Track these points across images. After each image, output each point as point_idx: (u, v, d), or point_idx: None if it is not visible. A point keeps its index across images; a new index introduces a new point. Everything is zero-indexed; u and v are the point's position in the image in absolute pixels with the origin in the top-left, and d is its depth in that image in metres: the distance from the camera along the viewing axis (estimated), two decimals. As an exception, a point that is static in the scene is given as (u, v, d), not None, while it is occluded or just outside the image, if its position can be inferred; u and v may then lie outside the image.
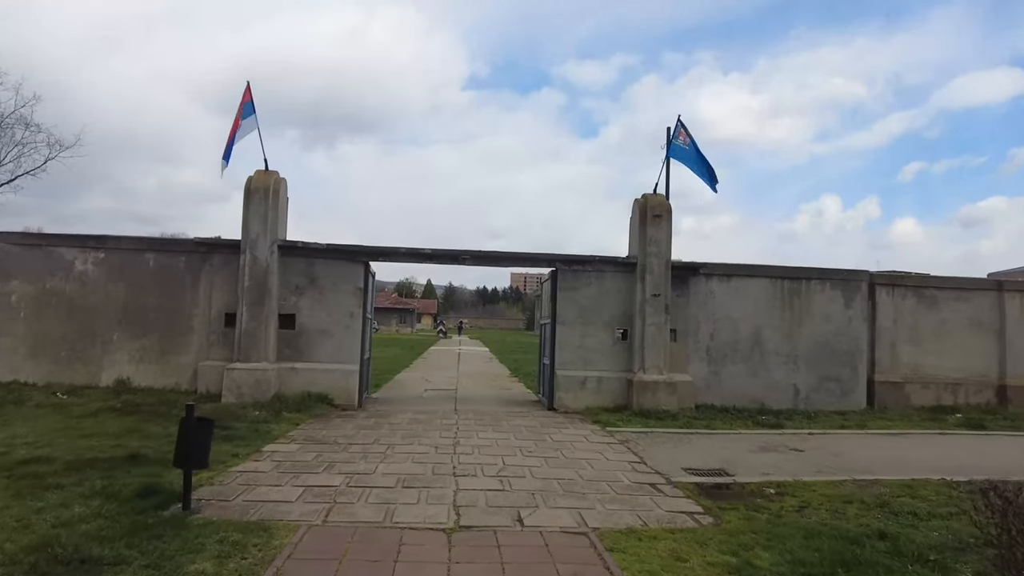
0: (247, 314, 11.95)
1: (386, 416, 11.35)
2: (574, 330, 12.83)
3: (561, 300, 12.86)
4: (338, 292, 12.46)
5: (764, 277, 13.78)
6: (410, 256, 12.77)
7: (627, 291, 12.98)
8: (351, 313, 12.44)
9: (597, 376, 12.73)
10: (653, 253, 12.70)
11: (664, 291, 12.69)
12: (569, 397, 12.58)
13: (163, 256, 12.55)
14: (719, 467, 8.44)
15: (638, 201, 13.09)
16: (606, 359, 12.86)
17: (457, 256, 12.72)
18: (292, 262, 12.43)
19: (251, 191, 12.10)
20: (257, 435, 9.12)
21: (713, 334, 13.48)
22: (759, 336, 13.63)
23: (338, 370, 12.21)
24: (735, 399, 13.33)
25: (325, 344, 12.36)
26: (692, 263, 13.31)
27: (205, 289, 12.49)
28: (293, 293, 12.43)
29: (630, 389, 12.54)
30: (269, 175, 12.31)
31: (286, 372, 12.16)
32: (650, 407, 12.20)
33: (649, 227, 12.74)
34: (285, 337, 12.36)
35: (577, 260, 12.93)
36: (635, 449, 9.24)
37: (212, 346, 12.33)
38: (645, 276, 12.68)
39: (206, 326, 12.40)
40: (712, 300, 13.53)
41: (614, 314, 12.96)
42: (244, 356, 11.89)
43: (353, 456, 8.06)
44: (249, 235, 12.03)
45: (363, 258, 12.57)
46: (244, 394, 11.65)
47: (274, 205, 12.15)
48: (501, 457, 8.26)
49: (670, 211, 12.91)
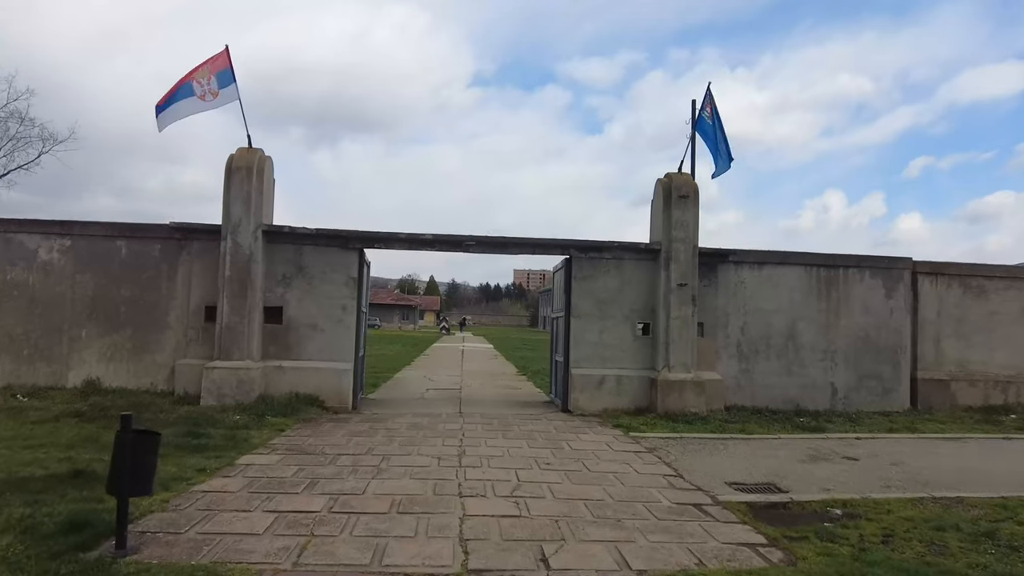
0: (228, 307, 10.76)
1: (383, 420, 10.15)
2: (591, 324, 11.61)
3: (576, 291, 11.65)
4: (329, 282, 11.26)
5: (799, 265, 12.54)
6: (409, 242, 11.56)
7: (649, 281, 11.76)
8: (343, 306, 11.24)
9: (616, 375, 11.52)
10: (679, 238, 11.47)
11: (691, 280, 11.46)
12: (585, 398, 11.37)
13: (136, 243, 11.36)
14: (768, 481, 7.24)
15: (661, 181, 11.85)
16: (626, 356, 11.65)
17: (460, 242, 11.51)
18: (278, 249, 11.23)
19: (232, 170, 10.90)
20: (233, 444, 7.93)
21: (744, 328, 12.26)
22: (793, 330, 12.41)
23: (329, 369, 11.01)
24: (768, 399, 12.12)
25: (315, 340, 11.16)
26: (721, 249, 12.08)
27: (183, 279, 11.29)
28: (279, 284, 11.23)
29: (653, 389, 11.32)
30: (252, 153, 11.11)
31: (272, 371, 10.96)
32: (676, 409, 10.98)
33: (674, 209, 11.51)
34: (271, 332, 11.16)
35: (593, 246, 11.71)
36: (667, 459, 8.03)
37: (191, 343, 11.15)
38: (670, 264, 11.45)
39: (184, 320, 11.21)
40: (742, 290, 12.30)
41: (635, 306, 11.74)
42: (225, 354, 10.70)
43: (341, 470, 6.86)
44: (230, 219, 10.83)
45: (357, 244, 11.37)
46: (225, 396, 10.46)
47: (258, 186, 10.95)
48: (514, 471, 7.05)
49: (697, 191, 11.68)
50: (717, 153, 11.53)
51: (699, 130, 11.73)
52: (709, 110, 11.44)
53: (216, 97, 10.66)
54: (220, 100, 10.68)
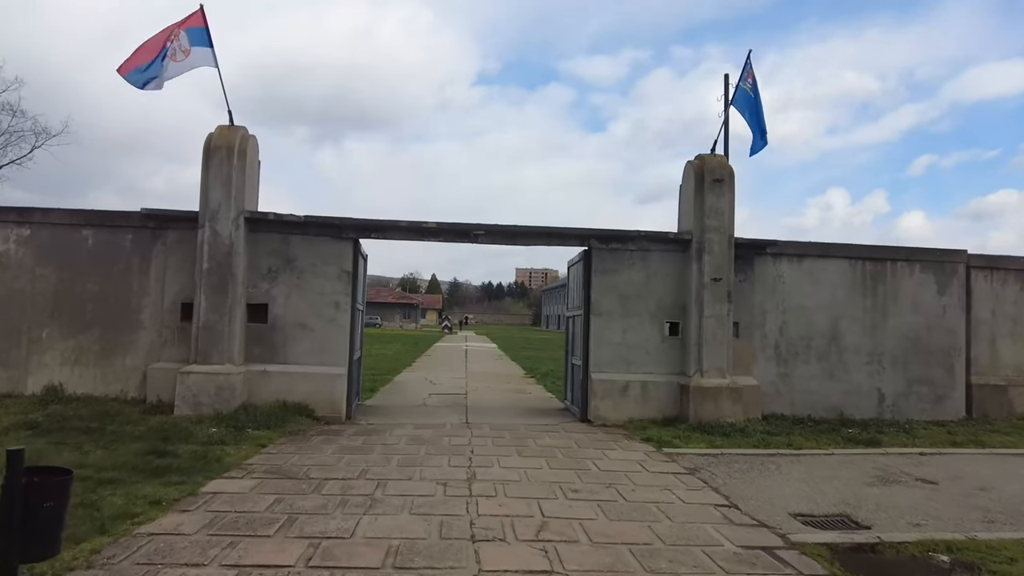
0: (206, 304, 9.54)
1: (379, 432, 8.93)
2: (613, 323, 10.38)
3: (596, 286, 10.41)
4: (320, 276, 10.04)
5: (842, 258, 11.30)
6: (410, 231, 10.33)
7: (679, 274, 10.52)
8: (336, 303, 10.01)
9: (642, 380, 10.28)
10: (713, 227, 10.23)
11: (727, 274, 10.22)
12: (607, 406, 10.14)
13: (104, 233, 10.14)
14: (840, 512, 6.03)
15: (692, 164, 10.61)
16: (653, 359, 10.42)
17: (468, 231, 10.27)
18: (263, 239, 10.01)
19: (211, 150, 9.68)
20: (203, 465, 6.71)
21: (782, 327, 11.02)
22: (836, 330, 11.17)
23: (320, 374, 9.79)
24: (808, 407, 10.89)
25: (304, 341, 9.94)
26: (758, 240, 10.85)
27: (157, 273, 10.08)
28: (264, 278, 10.01)
29: (684, 397, 10.09)
30: (233, 131, 9.88)
31: (256, 376, 9.75)
32: (710, 419, 9.75)
33: (707, 194, 10.27)
34: (255, 333, 9.95)
35: (616, 236, 10.48)
36: (714, 483, 6.81)
37: (165, 344, 9.93)
38: (702, 256, 10.21)
39: (158, 319, 10.00)
40: (781, 286, 11.07)
41: (663, 303, 10.51)
42: (202, 356, 9.48)
43: (327, 502, 5.64)
44: (209, 205, 9.61)
45: (351, 234, 10.14)
46: (202, 404, 9.25)
47: (240, 168, 9.73)
48: (537, 503, 5.83)
49: (733, 175, 10.44)
50: (758, 128, 10.28)
51: (736, 103, 10.47)
52: (750, 80, 10.18)
53: (187, 55, 9.39)
54: (192, 60, 9.42)
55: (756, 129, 10.51)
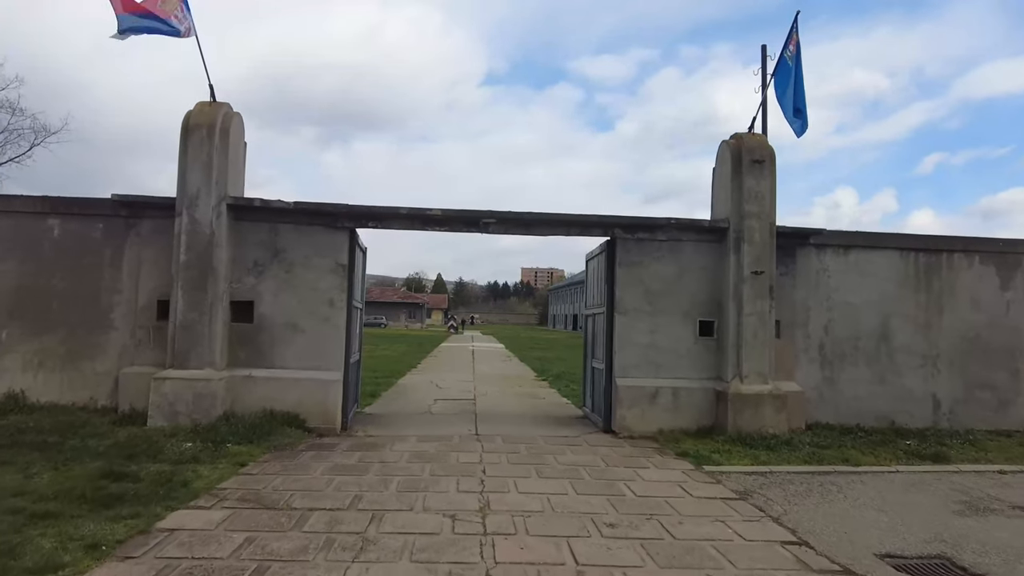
0: (184, 301, 8.48)
1: (378, 447, 7.86)
2: (639, 322, 9.28)
3: (621, 280, 9.31)
4: (313, 270, 8.97)
5: (892, 249, 10.16)
6: (412, 220, 9.24)
7: (714, 267, 9.42)
8: (330, 300, 8.94)
9: (672, 386, 9.17)
10: (752, 214, 9.11)
11: (768, 267, 9.11)
12: (634, 416, 9.04)
13: (72, 222, 9.09)
14: (937, 551, 4.93)
15: (728, 144, 9.48)
16: (684, 362, 9.31)
17: (476, 219, 9.18)
18: (248, 229, 8.95)
19: (189, 129, 8.62)
20: (166, 491, 5.65)
21: (827, 327, 9.90)
22: (886, 329, 10.03)
23: (312, 380, 8.72)
24: (856, 415, 9.76)
25: (295, 343, 8.87)
26: (801, 229, 9.73)
27: (130, 267, 9.03)
28: (250, 272, 8.95)
29: (721, 404, 8.99)
30: (215, 108, 8.82)
31: (240, 383, 8.69)
32: (751, 429, 8.65)
33: (745, 178, 9.15)
34: (240, 333, 8.89)
35: (643, 224, 9.37)
36: (772, 511, 5.71)
37: (140, 346, 8.88)
38: (741, 246, 9.10)
39: (132, 319, 8.95)
40: (825, 280, 9.94)
41: (695, 299, 9.40)
42: (180, 360, 8.43)
43: (308, 543, 4.56)
44: (187, 190, 8.55)
45: (347, 223, 9.07)
46: (179, 414, 8.20)
47: (222, 148, 8.67)
48: (566, 542, 4.73)
49: (774, 156, 9.31)
50: (792, 106, 9.11)
51: (777, 77, 9.32)
52: (792, 47, 9.03)
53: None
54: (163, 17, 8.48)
55: (790, 108, 9.35)
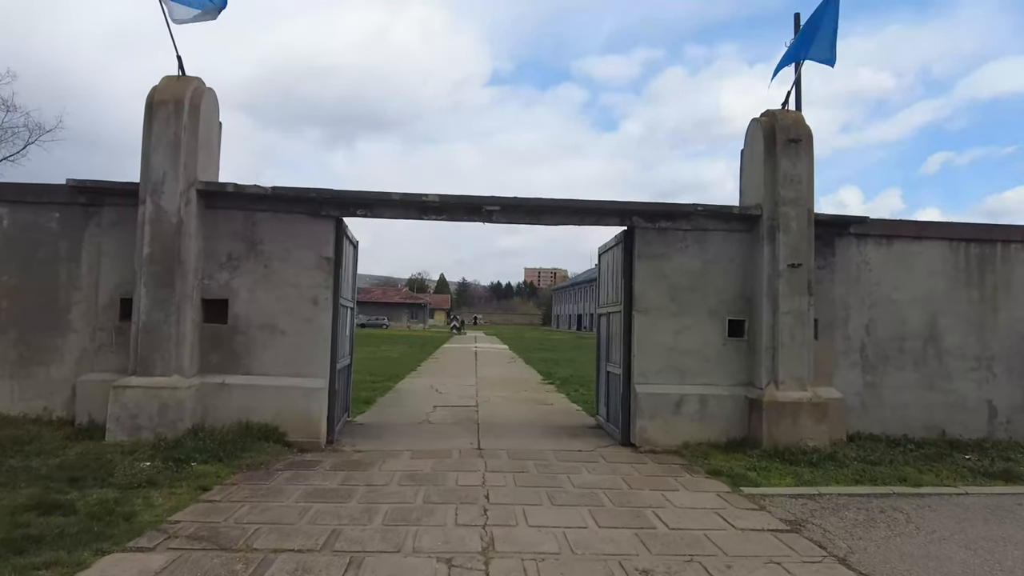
0: (148, 299, 7.50)
1: (366, 465, 6.87)
2: (662, 321, 8.27)
3: (641, 275, 8.30)
4: (294, 264, 7.99)
5: (940, 239, 9.13)
6: (407, 207, 8.23)
7: (744, 260, 8.41)
8: (314, 298, 7.95)
9: (699, 394, 8.17)
10: (788, 199, 8.10)
11: (807, 259, 8.10)
12: (657, 427, 8.03)
13: (24, 211, 8.12)
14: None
15: (760, 122, 8.46)
16: (712, 367, 8.30)
17: (478, 207, 8.17)
18: (222, 218, 7.97)
19: (154, 106, 7.63)
20: (103, 527, 4.67)
21: (869, 326, 8.88)
22: (934, 328, 9.01)
23: (293, 388, 7.73)
24: (902, 424, 8.74)
25: (274, 346, 7.89)
26: (841, 217, 8.72)
27: (90, 261, 8.06)
28: (224, 267, 7.97)
29: (753, 413, 7.98)
30: (183, 82, 7.84)
31: (212, 391, 7.70)
32: (789, 442, 7.64)
33: (780, 158, 8.14)
34: (212, 336, 7.91)
35: (665, 212, 8.35)
36: (833, 547, 4.71)
37: (101, 350, 7.91)
38: (775, 235, 8.09)
39: (92, 319, 7.98)
40: (867, 274, 8.92)
41: (724, 296, 8.39)
42: (143, 366, 7.45)
43: (261, 605, 3.56)
44: (151, 175, 7.57)
45: (332, 211, 8.07)
46: (141, 427, 7.23)
47: (191, 127, 7.69)
48: (593, 601, 3.73)
49: (811, 135, 8.30)
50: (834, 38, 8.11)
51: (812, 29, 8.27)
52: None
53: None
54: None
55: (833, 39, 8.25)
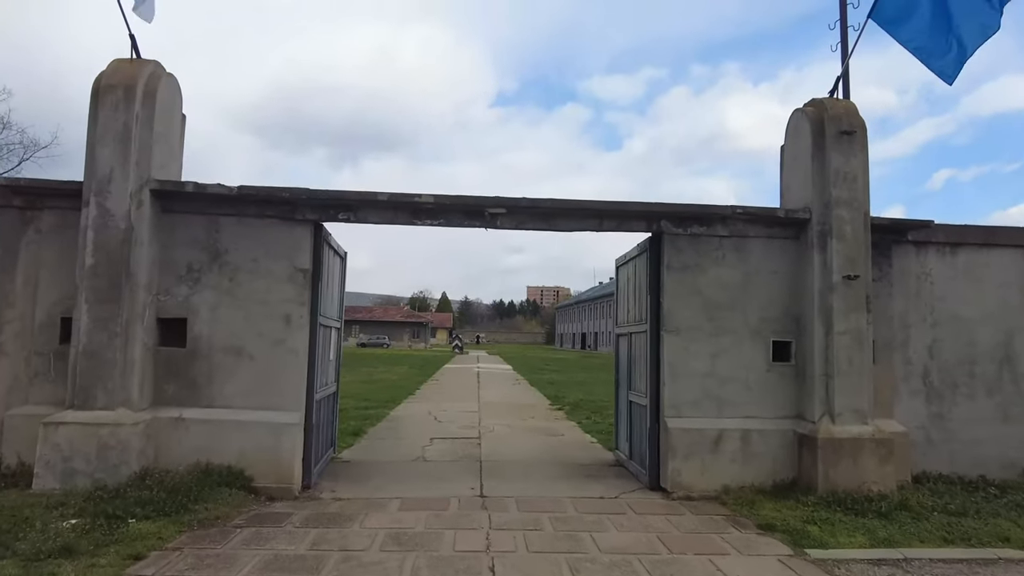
0: (89, 319, 6.33)
1: (344, 521, 5.65)
2: (696, 343, 7.06)
3: (671, 289, 7.11)
4: (263, 277, 6.81)
5: (1014, 247, 7.95)
6: (396, 210, 7.05)
7: (790, 271, 7.23)
8: (286, 316, 6.77)
9: (741, 428, 6.94)
10: (841, 200, 6.93)
11: (864, 269, 6.92)
12: (692, 469, 6.79)
13: (-49, 217, 6.99)
14: None
15: (805, 112, 7.31)
16: (755, 396, 7.09)
17: (480, 210, 7.00)
18: (180, 223, 6.82)
19: (101, 92, 6.52)
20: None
21: (932, 348, 7.67)
22: (1010, 349, 7.80)
23: (261, 423, 6.52)
24: (976, 462, 7.49)
25: (239, 374, 6.69)
26: (898, 221, 7.53)
27: (26, 274, 6.89)
28: (182, 281, 6.79)
29: (805, 451, 6.75)
30: (137, 65, 6.74)
31: (166, 428, 6.50)
32: (849, 486, 6.41)
33: (831, 154, 6.99)
34: (168, 361, 6.72)
35: (699, 215, 7.16)
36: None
37: (37, 378, 6.72)
38: (827, 242, 6.92)
39: (26, 341, 6.80)
40: (928, 287, 7.74)
41: (767, 314, 7.20)
42: (82, 398, 6.26)
43: None
44: (96, 172, 6.44)
45: (309, 214, 6.91)
46: (77, 472, 6.02)
47: (146, 118, 6.56)
48: None
49: (865, 128, 7.16)
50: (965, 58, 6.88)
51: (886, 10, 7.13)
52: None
53: None
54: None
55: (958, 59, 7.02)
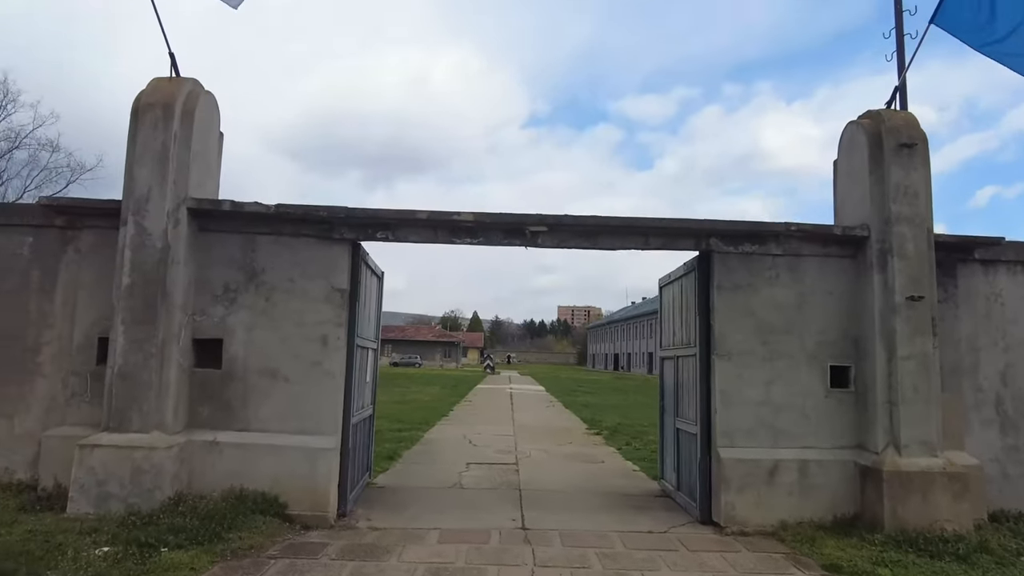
0: (125, 340, 6.24)
1: (381, 553, 5.39)
2: (750, 369, 6.69)
3: (722, 310, 6.76)
4: (300, 297, 6.66)
5: (1089, 267, 7.44)
6: (435, 228, 6.85)
7: (847, 292, 6.83)
8: (323, 338, 6.59)
9: (798, 459, 6.52)
10: (903, 217, 6.54)
11: (929, 291, 6.50)
12: (747, 502, 6.39)
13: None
14: None
15: (860, 125, 6.95)
16: (812, 425, 6.67)
17: (521, 228, 6.77)
18: (216, 242, 6.72)
19: (140, 112, 6.49)
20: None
21: (1005, 374, 7.17)
22: (1088, 377, 7.26)
23: (296, 447, 6.33)
24: (1054, 499, 6.95)
25: (274, 396, 6.52)
26: (965, 238, 7.08)
27: (65, 294, 6.85)
28: (218, 301, 6.68)
29: (869, 485, 6.30)
30: (175, 84, 6.71)
31: (200, 451, 6.35)
32: (920, 524, 5.94)
33: (891, 168, 6.61)
34: (203, 383, 6.59)
35: (750, 232, 6.83)
36: None
37: (74, 399, 6.64)
38: (888, 262, 6.52)
39: (64, 362, 6.73)
40: (998, 309, 7.26)
41: (824, 337, 6.80)
42: (117, 420, 6.15)
43: None
44: (134, 191, 6.38)
45: (347, 233, 6.76)
46: (111, 497, 5.89)
47: (183, 137, 6.51)
48: None
49: (927, 140, 6.77)
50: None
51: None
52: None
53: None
54: None
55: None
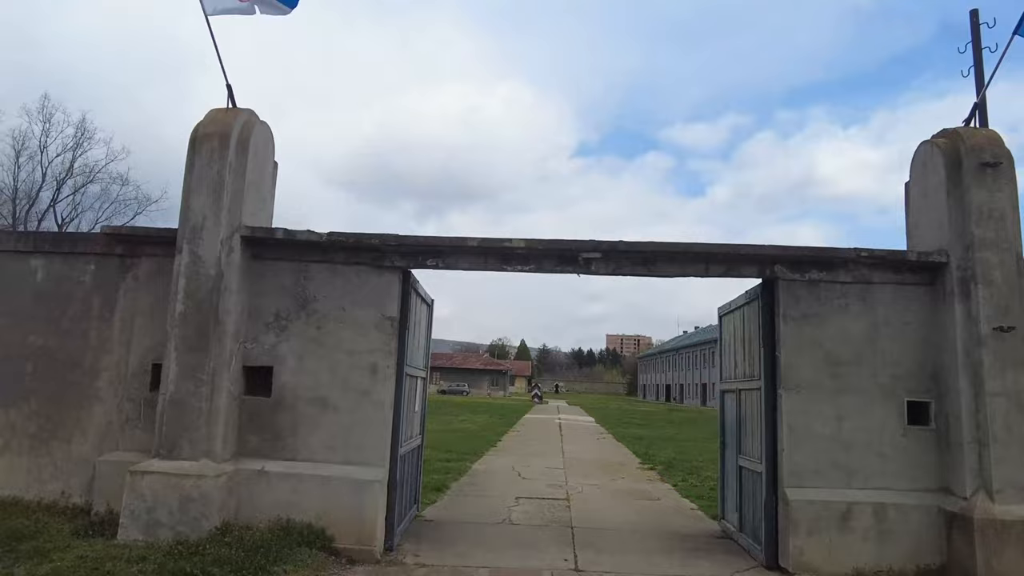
0: (177, 367, 6.26)
1: (428, 592, 5.17)
2: (818, 403, 6.28)
3: (789, 341, 6.39)
4: (350, 326, 6.59)
5: None
6: (486, 256, 6.72)
7: (924, 322, 6.38)
8: (372, 367, 6.49)
9: (873, 502, 6.04)
10: (987, 242, 6.09)
11: (1020, 321, 6.00)
12: (818, 548, 5.94)
13: (58, 263, 7.15)
14: None
15: (936, 144, 6.55)
16: (889, 465, 6.19)
17: (574, 255, 6.57)
18: (269, 270, 6.73)
19: (198, 142, 6.60)
20: None
21: (1105, 413, 6.55)
22: None
23: (343, 479, 6.19)
24: None
25: (323, 426, 6.43)
26: (1057, 266, 6.57)
27: (123, 321, 6.95)
28: (269, 328, 6.66)
29: (955, 534, 5.78)
30: (231, 114, 6.81)
31: (248, 480, 6.28)
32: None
33: (973, 189, 6.18)
34: (252, 411, 6.55)
35: (817, 259, 6.46)
36: None
37: (128, 424, 6.69)
38: (971, 290, 6.06)
39: (119, 387, 6.81)
40: (1096, 343, 6.66)
41: (899, 370, 6.34)
42: (167, 447, 6.15)
43: None
44: (189, 220, 6.46)
45: (398, 261, 6.68)
46: (160, 524, 5.85)
47: (238, 166, 6.58)
48: None
49: (1012, 159, 6.33)
50: None
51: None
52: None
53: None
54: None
55: None
